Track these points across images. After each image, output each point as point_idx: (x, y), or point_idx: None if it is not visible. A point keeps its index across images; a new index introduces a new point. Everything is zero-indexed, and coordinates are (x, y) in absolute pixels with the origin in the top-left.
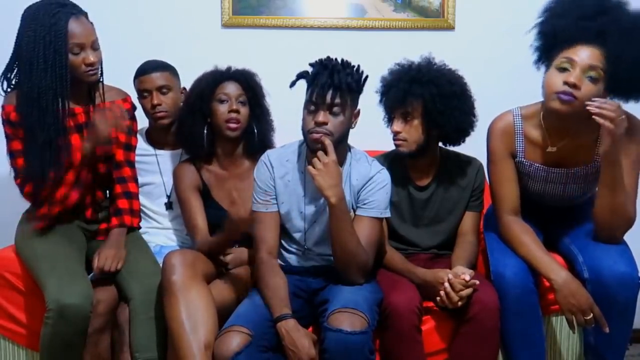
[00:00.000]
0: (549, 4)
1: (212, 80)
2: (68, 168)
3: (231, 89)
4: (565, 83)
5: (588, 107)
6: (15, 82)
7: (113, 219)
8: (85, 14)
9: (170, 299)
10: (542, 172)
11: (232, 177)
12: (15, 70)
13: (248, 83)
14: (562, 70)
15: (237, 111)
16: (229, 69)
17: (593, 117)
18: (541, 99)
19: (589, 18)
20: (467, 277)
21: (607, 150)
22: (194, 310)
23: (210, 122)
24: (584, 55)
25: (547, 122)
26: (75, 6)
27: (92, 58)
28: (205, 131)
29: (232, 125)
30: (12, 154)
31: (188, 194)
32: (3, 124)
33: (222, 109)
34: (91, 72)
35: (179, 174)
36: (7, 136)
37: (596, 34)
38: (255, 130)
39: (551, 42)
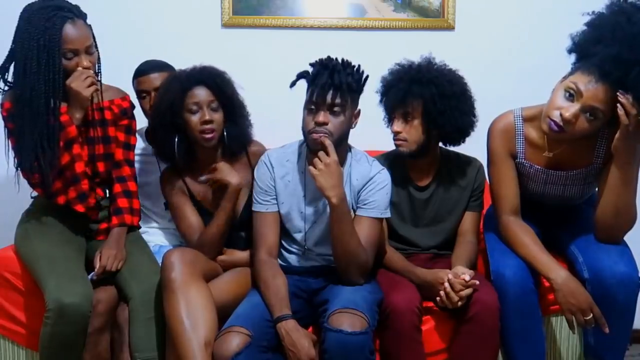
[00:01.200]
0: (594, 20)
1: (180, 89)
2: (68, 145)
3: (201, 96)
4: (561, 115)
5: (618, 93)
6: (11, 81)
7: (113, 218)
8: (84, 17)
9: (169, 297)
10: (542, 174)
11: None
12: (11, 70)
13: (218, 86)
14: (569, 96)
15: (210, 121)
16: (194, 72)
17: (618, 104)
18: (542, 100)
19: (615, 58)
20: (467, 278)
21: (615, 144)
22: (193, 308)
23: (185, 132)
24: (591, 92)
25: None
26: (72, 9)
27: (85, 63)
28: (177, 142)
29: (207, 136)
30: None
31: (176, 200)
32: (4, 120)
33: (195, 119)
34: None
35: (164, 183)
36: (10, 132)
37: (618, 77)
38: (228, 134)
39: (581, 54)
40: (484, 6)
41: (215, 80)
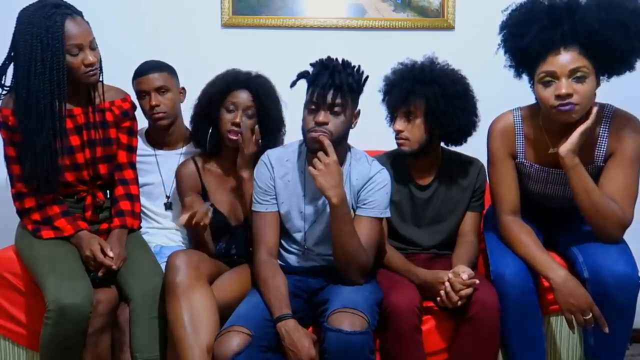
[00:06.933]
0: (505, 22)
1: (225, 87)
2: (69, 168)
3: (241, 98)
4: (558, 96)
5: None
6: (9, 85)
7: (115, 220)
8: (81, 14)
9: (173, 300)
10: (543, 174)
11: (232, 180)
12: (10, 74)
13: (259, 95)
14: (547, 83)
15: (239, 124)
16: (246, 75)
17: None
18: None
19: (548, 28)
20: (465, 276)
21: (562, 150)
22: (196, 313)
23: (217, 126)
24: (562, 62)
25: (547, 124)
26: (69, 6)
27: (91, 58)
28: (210, 133)
29: (232, 137)
30: (7, 160)
31: (188, 196)
32: (3, 127)
33: (228, 117)
34: (91, 72)
35: (180, 176)
36: (3, 140)
37: (561, 38)
38: (263, 147)
39: (522, 59)
40: (484, 6)
41: (258, 89)
